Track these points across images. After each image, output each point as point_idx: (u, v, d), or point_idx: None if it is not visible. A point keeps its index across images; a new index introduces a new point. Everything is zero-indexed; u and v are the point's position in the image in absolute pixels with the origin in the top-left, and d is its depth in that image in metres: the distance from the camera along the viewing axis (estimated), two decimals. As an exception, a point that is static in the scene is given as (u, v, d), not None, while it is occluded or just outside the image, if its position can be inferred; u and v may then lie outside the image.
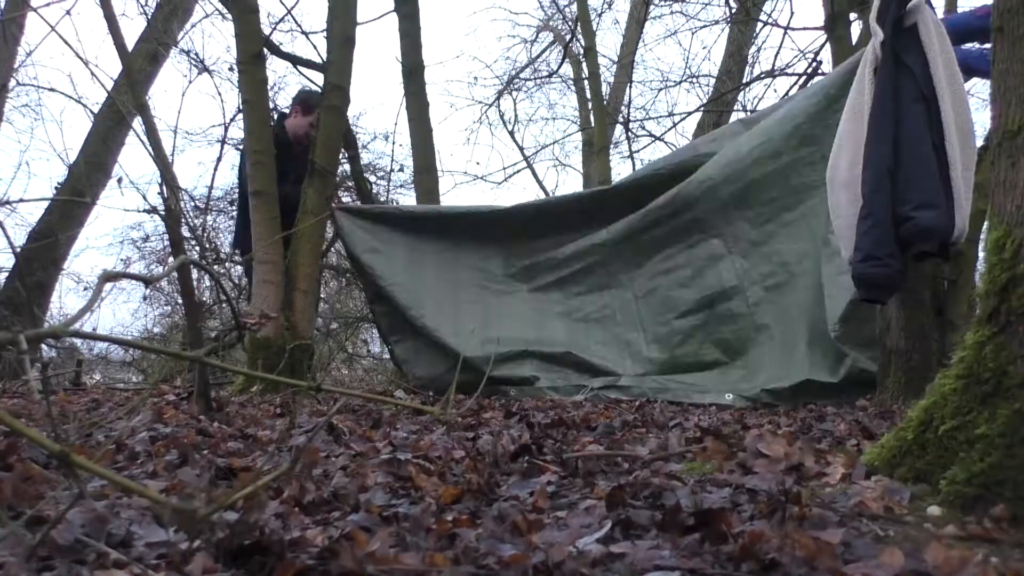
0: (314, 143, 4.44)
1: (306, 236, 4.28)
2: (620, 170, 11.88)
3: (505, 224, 4.96)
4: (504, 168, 12.73)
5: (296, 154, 4.64)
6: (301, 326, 4.21)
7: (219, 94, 12.97)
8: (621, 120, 10.16)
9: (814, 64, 8.23)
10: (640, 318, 4.69)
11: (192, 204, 8.59)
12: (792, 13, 12.99)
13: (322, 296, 8.39)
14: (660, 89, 10.45)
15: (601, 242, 4.81)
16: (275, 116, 5.03)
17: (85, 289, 9.08)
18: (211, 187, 9.19)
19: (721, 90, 9.48)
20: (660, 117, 10.51)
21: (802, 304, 4.08)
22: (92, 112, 7.79)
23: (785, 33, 8.47)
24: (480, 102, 11.71)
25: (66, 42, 6.13)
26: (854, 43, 6.10)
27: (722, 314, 4.45)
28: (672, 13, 9.59)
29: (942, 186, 2.74)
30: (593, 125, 8.61)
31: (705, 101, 9.90)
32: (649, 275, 4.73)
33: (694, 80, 10.14)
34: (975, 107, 3.10)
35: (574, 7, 9.32)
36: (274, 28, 7.27)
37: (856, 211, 2.87)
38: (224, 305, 6.78)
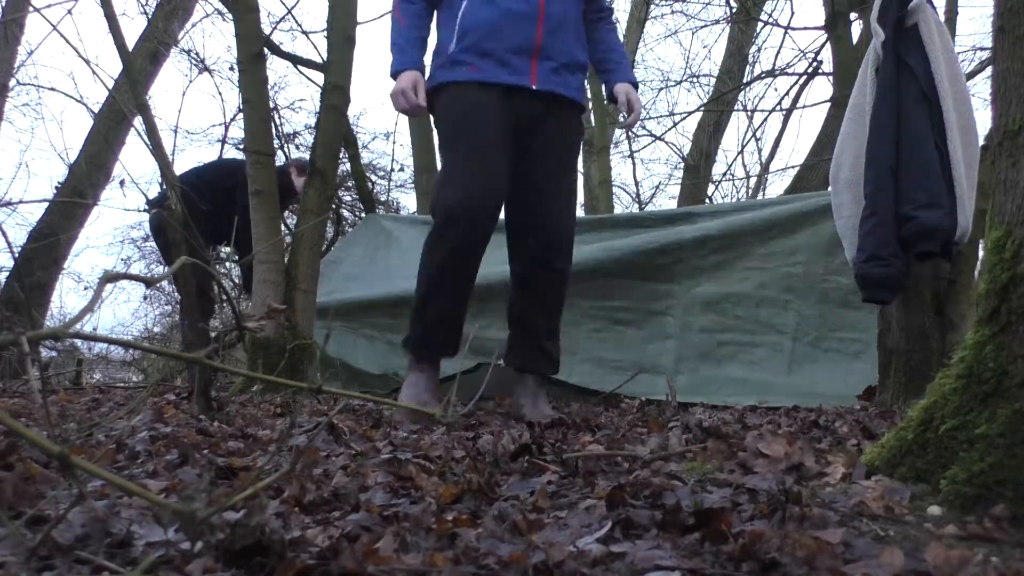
0: (314, 143, 4.46)
1: (306, 236, 4.29)
2: (620, 170, 11.90)
3: None
4: (504, 168, 12.68)
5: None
6: (301, 326, 4.21)
7: (219, 94, 13.02)
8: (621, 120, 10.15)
9: (814, 64, 8.25)
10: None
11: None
12: (792, 13, 13.01)
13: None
14: (661, 88, 10.48)
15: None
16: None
17: (85, 289, 9.10)
18: (211, 187, 9.19)
19: (721, 90, 9.50)
20: (660, 117, 10.54)
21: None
22: (93, 111, 7.81)
23: (785, 33, 8.50)
24: (481, 102, 11.68)
25: (67, 41, 6.13)
26: (854, 43, 6.11)
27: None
28: (672, 13, 9.62)
29: (945, 185, 2.74)
30: (593, 124, 8.61)
31: (705, 101, 9.92)
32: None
33: (694, 80, 10.18)
34: (976, 107, 3.10)
35: (574, 7, 9.30)
36: (274, 28, 7.29)
37: (859, 212, 2.87)
38: (224, 305, 6.77)
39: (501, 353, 3.25)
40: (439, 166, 3.26)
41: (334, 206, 7.52)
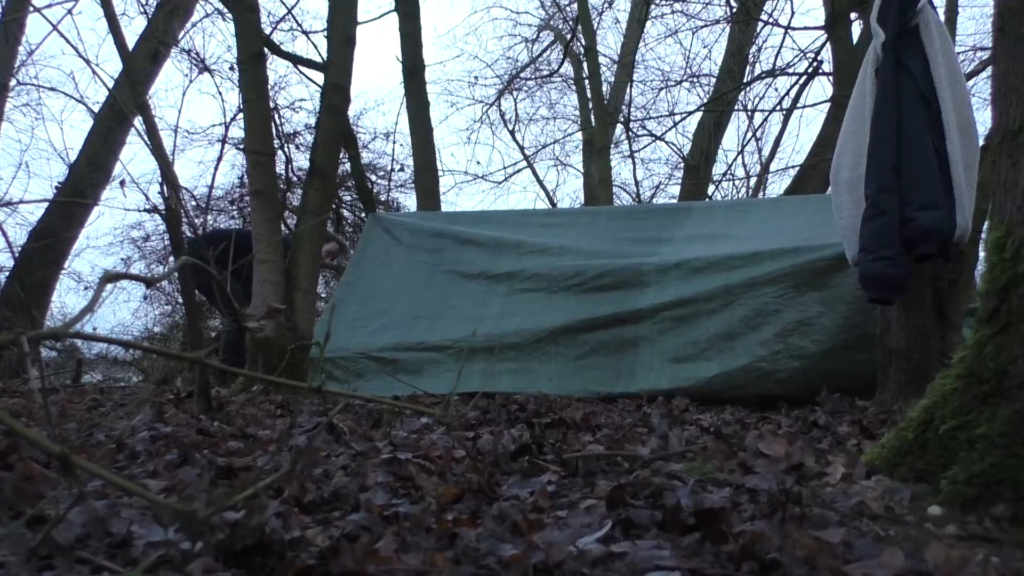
0: (314, 143, 4.46)
1: (306, 236, 4.29)
2: (620, 169, 11.91)
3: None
4: (504, 168, 12.74)
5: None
6: (301, 326, 4.21)
7: (220, 93, 13.00)
8: (622, 120, 10.18)
9: (814, 64, 8.25)
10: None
11: (193, 203, 8.60)
12: (792, 13, 12.98)
13: (323, 296, 8.41)
14: (661, 88, 10.47)
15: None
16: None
17: (85, 289, 9.08)
18: (211, 186, 9.21)
19: (722, 90, 9.49)
20: (661, 117, 10.53)
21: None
22: (93, 111, 7.81)
23: (785, 33, 8.51)
24: (481, 101, 11.72)
25: (68, 41, 6.15)
26: (854, 43, 6.11)
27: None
28: (673, 12, 9.61)
29: (943, 186, 2.74)
30: (594, 125, 8.62)
31: (706, 101, 9.91)
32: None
33: (695, 80, 10.17)
34: (976, 107, 3.10)
35: (575, 6, 9.33)
36: (274, 27, 7.30)
37: (859, 212, 2.87)
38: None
39: None
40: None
41: (334, 206, 7.53)
